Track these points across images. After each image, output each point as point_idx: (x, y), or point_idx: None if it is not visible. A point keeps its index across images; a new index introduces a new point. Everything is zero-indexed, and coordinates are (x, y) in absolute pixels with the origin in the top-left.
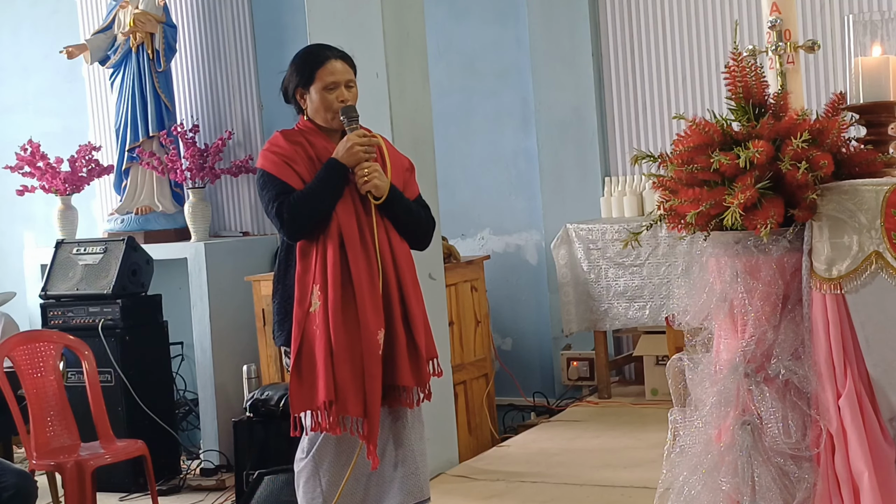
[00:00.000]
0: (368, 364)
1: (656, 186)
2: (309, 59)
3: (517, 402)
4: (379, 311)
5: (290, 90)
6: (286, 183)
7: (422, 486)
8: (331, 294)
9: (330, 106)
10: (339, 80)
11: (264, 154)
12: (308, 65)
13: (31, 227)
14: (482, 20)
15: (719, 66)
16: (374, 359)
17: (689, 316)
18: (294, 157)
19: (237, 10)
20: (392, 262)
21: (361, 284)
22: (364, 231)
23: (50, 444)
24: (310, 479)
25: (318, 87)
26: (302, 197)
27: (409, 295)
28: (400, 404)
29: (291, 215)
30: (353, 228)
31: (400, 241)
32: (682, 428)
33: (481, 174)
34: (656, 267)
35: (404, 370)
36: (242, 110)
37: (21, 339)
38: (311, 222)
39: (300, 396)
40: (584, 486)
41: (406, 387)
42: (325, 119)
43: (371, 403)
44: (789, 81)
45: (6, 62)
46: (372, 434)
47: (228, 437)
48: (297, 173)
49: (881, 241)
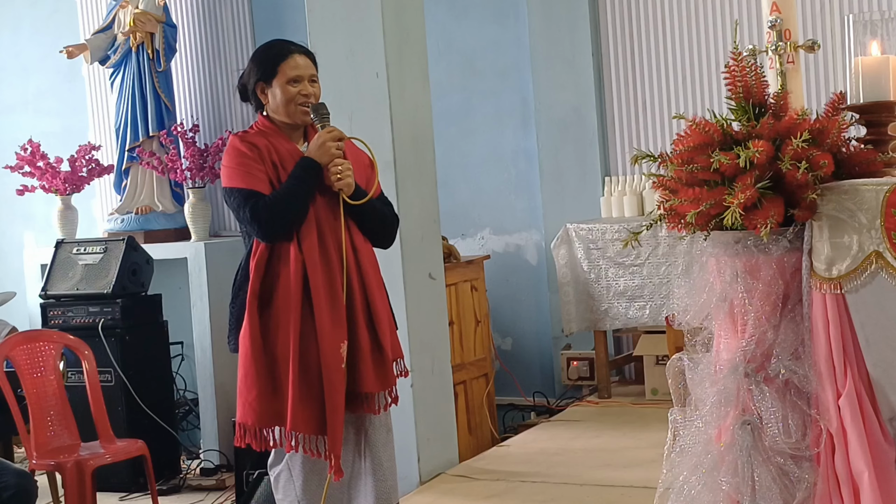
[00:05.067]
0: (329, 380)
1: (656, 186)
2: (271, 53)
3: (517, 401)
4: (341, 322)
5: (251, 86)
6: (252, 189)
7: (389, 493)
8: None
9: (293, 99)
10: (303, 75)
11: (225, 170)
12: (270, 59)
13: (31, 226)
14: (482, 20)
15: (719, 66)
16: (336, 374)
17: (689, 316)
18: (255, 161)
19: (237, 10)
20: (356, 265)
21: (320, 297)
22: (326, 237)
23: (50, 444)
24: (286, 484)
25: (280, 81)
26: (280, 196)
27: (374, 298)
28: (364, 411)
29: (271, 215)
30: (313, 237)
31: (363, 241)
32: (682, 428)
33: (481, 174)
34: (656, 267)
35: (368, 377)
36: (242, 110)
37: (21, 339)
38: (290, 222)
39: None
40: (584, 486)
41: (369, 393)
42: (288, 113)
43: (332, 420)
44: (789, 81)
45: (6, 62)
46: (335, 449)
47: (228, 437)
48: (260, 178)
49: (881, 241)
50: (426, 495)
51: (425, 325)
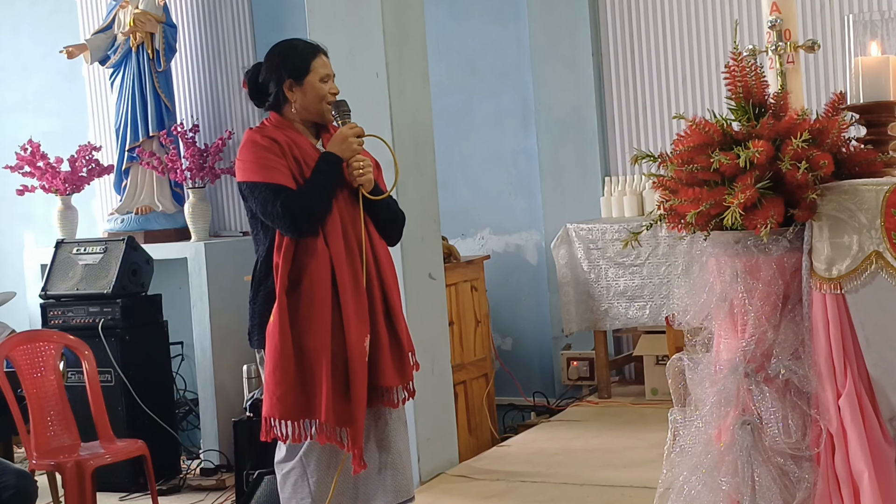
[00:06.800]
0: (355, 373)
1: (656, 186)
2: (299, 51)
3: (517, 401)
4: (364, 315)
5: (276, 83)
6: (279, 183)
7: (408, 485)
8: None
9: (325, 97)
10: (331, 73)
11: (243, 164)
12: (300, 56)
13: (31, 227)
14: (482, 20)
15: (719, 66)
16: (361, 367)
17: (689, 316)
18: (277, 156)
19: (237, 10)
20: (374, 260)
21: (346, 291)
22: (348, 231)
23: (50, 444)
24: (298, 481)
25: (313, 79)
26: (309, 191)
27: (391, 293)
28: (383, 404)
29: (302, 209)
30: (338, 231)
31: (379, 237)
32: (682, 428)
33: (481, 174)
34: (656, 267)
35: (388, 370)
36: (242, 110)
37: (21, 339)
38: (319, 216)
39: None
40: (584, 486)
41: (389, 387)
42: (318, 110)
43: (356, 412)
44: (789, 81)
45: (6, 62)
46: (356, 441)
47: (228, 437)
48: (284, 173)
49: (881, 241)
50: (426, 495)
51: (425, 325)
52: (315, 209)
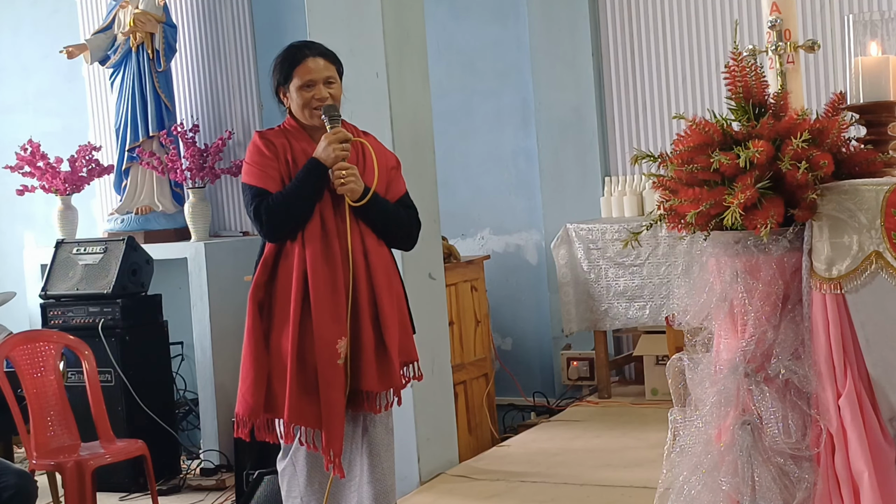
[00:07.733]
0: (324, 375)
1: (656, 186)
2: (287, 57)
3: (517, 401)
4: (340, 319)
5: (274, 90)
6: (262, 187)
7: (387, 494)
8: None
9: (307, 104)
10: (316, 78)
11: (244, 166)
12: (286, 63)
13: (31, 227)
14: (482, 20)
15: (719, 66)
16: (331, 370)
17: (689, 316)
18: (270, 160)
19: (237, 10)
20: (365, 265)
21: (319, 292)
22: (330, 236)
23: (50, 444)
24: (291, 479)
25: (295, 85)
26: (280, 197)
27: (381, 299)
28: (363, 409)
29: (269, 215)
30: (318, 236)
31: (377, 242)
32: (682, 428)
33: (481, 174)
34: (656, 267)
35: (370, 375)
36: (242, 110)
37: (21, 339)
38: (288, 222)
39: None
40: (584, 486)
41: (370, 391)
42: (304, 116)
43: (328, 415)
44: (789, 81)
45: (6, 62)
46: (333, 444)
47: (228, 437)
48: (273, 177)
49: (881, 241)
50: (426, 495)
51: (425, 325)
52: (285, 215)
